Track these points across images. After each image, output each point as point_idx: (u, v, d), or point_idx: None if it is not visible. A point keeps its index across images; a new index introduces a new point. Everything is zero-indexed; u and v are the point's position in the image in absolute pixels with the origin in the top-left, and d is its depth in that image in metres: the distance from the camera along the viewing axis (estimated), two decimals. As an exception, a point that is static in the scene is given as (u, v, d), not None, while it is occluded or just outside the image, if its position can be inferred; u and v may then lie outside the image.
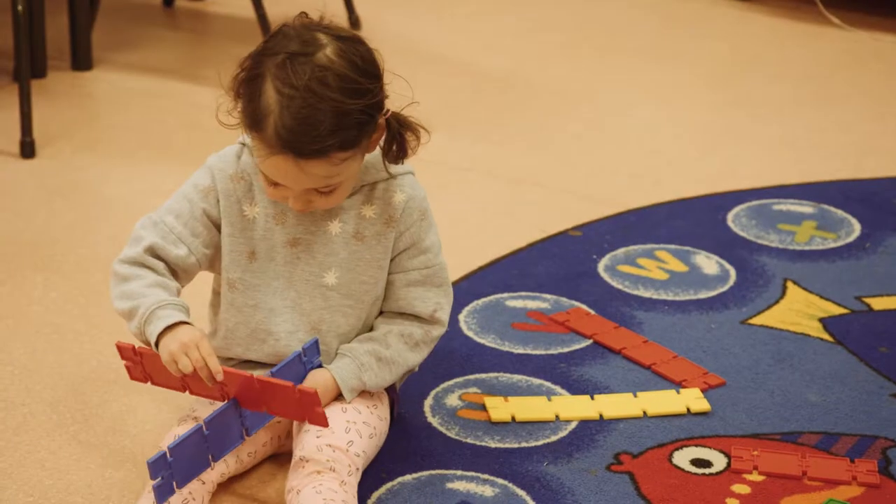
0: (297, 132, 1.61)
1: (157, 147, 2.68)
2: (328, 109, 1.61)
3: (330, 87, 1.62)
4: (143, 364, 1.71)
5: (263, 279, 1.76)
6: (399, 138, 1.71)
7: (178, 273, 1.75)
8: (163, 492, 1.63)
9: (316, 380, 1.72)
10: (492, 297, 2.18)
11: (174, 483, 1.63)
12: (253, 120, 1.64)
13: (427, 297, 1.79)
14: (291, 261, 1.76)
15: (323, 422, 1.67)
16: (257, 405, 1.69)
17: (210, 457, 1.67)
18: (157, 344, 1.67)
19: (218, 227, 1.75)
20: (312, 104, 1.61)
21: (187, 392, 1.70)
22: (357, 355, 1.76)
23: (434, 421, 1.88)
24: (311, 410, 1.66)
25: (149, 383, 1.73)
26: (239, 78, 1.66)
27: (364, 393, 1.77)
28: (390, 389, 1.82)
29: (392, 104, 1.71)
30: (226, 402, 1.68)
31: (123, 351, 1.72)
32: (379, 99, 1.67)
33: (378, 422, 1.75)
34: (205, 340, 1.66)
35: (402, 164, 1.75)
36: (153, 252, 1.73)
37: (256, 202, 1.75)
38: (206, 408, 1.73)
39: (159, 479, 1.62)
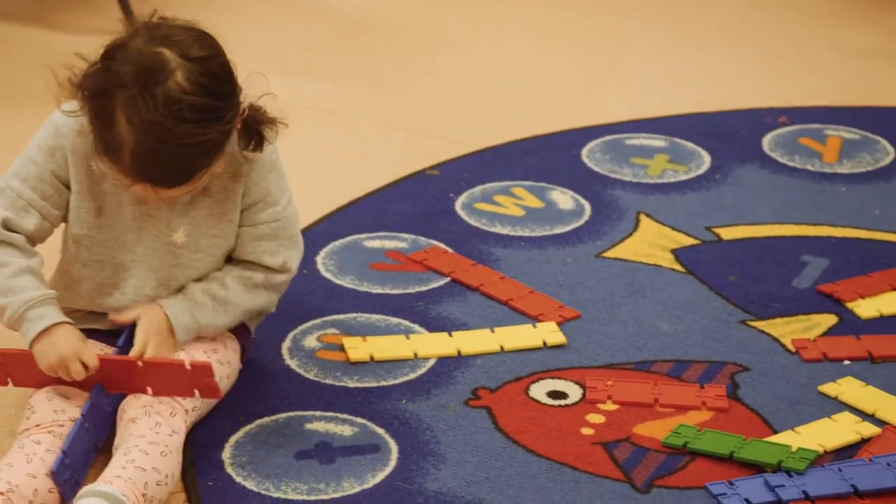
0: (156, 166, 1.61)
1: (8, 94, 2.63)
2: (186, 143, 1.60)
3: (186, 120, 1.59)
4: (6, 366, 1.71)
5: (110, 234, 1.75)
6: (256, 135, 1.70)
7: (35, 241, 1.73)
8: (68, 488, 1.63)
9: (148, 315, 1.72)
10: (349, 238, 2.18)
11: (75, 481, 1.64)
12: (106, 147, 1.62)
13: (276, 250, 1.78)
14: (140, 217, 1.74)
15: (216, 392, 1.68)
16: (132, 387, 1.69)
17: (94, 445, 1.68)
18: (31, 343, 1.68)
19: (67, 186, 1.73)
20: (169, 140, 1.59)
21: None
22: (191, 293, 1.75)
23: (292, 363, 1.90)
24: (202, 382, 1.66)
25: (9, 385, 1.73)
26: (84, 89, 1.62)
27: (205, 337, 1.78)
28: (242, 334, 1.83)
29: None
30: (93, 390, 1.69)
31: None
32: (235, 111, 1.65)
33: (218, 366, 1.75)
34: (85, 350, 1.67)
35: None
36: (7, 226, 1.71)
37: None
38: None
39: (63, 480, 1.62)
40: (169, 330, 1.73)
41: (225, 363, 1.78)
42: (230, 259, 1.80)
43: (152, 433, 1.64)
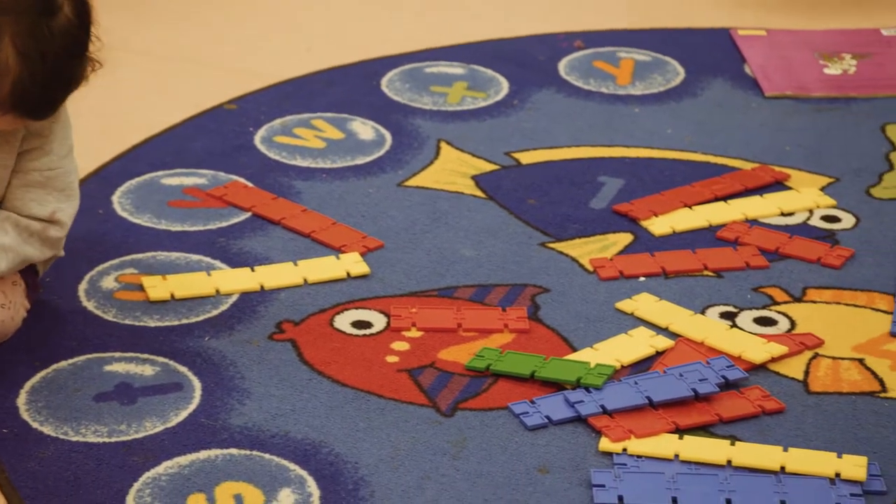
0: (40, 98, 1.59)
1: None
2: (69, 75, 1.60)
3: (72, 54, 1.60)
4: None
5: None
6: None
7: None
8: None
9: None
10: (146, 176, 2.15)
11: None
12: None
13: (46, 199, 1.74)
14: None
15: None
16: None
17: None
18: None
19: None
20: (58, 72, 1.58)
21: None
22: None
23: (90, 305, 1.86)
24: None
25: None
26: None
27: None
28: (29, 275, 1.79)
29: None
30: None
31: None
32: None
33: None
34: None
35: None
36: None
37: None
38: None
39: None
40: None
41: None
42: None
43: None
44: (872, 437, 1.69)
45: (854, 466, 1.63)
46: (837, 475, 1.63)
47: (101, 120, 2.29)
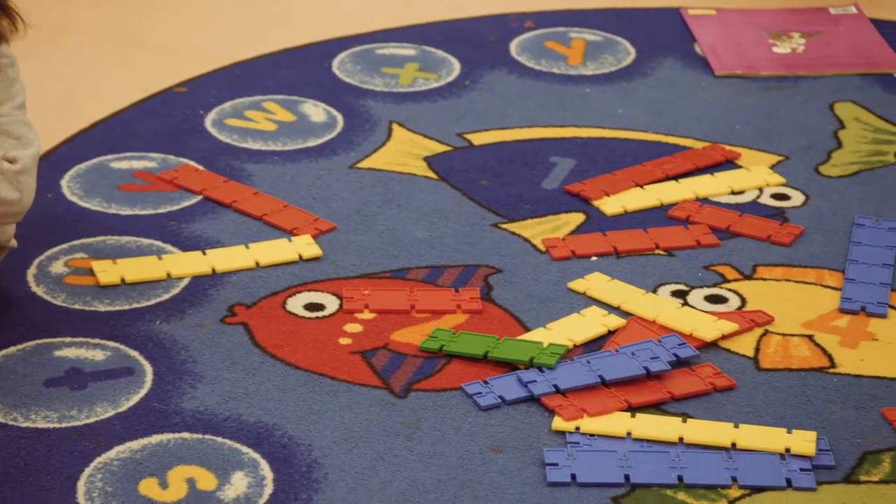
0: None
1: None
2: None
3: None
4: None
5: None
6: None
7: None
8: None
9: None
10: (96, 160, 2.14)
11: None
12: None
13: (1, 145, 1.72)
14: None
15: None
16: None
17: None
18: None
19: None
20: None
21: None
22: None
23: (39, 290, 1.85)
24: None
25: None
26: None
27: None
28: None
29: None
30: None
31: None
32: None
33: None
34: None
35: None
36: None
37: None
38: None
39: None
40: None
41: None
42: None
43: None
44: (821, 413, 1.71)
45: (803, 442, 1.65)
46: (787, 450, 1.64)
47: (49, 103, 2.27)
